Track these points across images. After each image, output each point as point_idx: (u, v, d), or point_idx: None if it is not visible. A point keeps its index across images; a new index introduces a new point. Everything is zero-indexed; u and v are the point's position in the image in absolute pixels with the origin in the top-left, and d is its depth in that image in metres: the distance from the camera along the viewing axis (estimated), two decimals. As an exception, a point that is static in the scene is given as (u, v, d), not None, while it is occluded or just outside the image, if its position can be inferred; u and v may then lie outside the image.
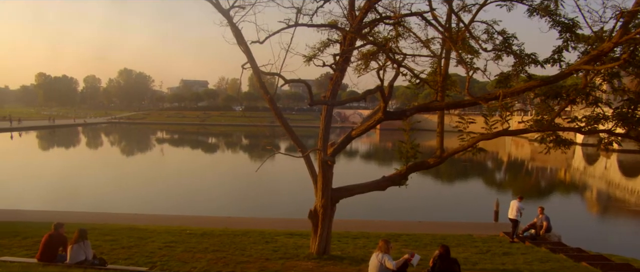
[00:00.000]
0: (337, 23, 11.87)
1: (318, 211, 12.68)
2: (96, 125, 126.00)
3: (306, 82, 11.54)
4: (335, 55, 11.40)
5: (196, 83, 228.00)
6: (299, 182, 34.73)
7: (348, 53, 11.55)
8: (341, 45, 11.83)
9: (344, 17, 11.83)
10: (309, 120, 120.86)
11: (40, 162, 56.91)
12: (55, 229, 11.72)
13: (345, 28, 11.54)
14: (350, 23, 11.58)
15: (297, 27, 11.04)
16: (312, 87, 11.45)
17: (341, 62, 11.48)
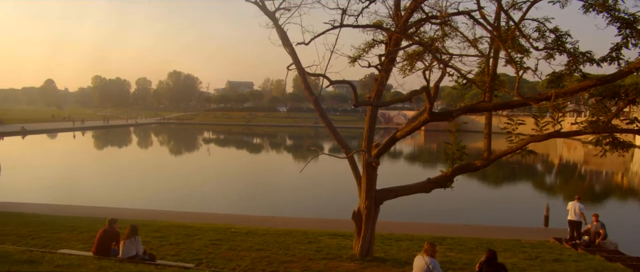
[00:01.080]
0: (382, 23, 11.73)
1: (362, 212, 12.57)
2: (146, 125, 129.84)
3: (351, 83, 11.47)
4: (381, 56, 11.26)
5: (242, 84, 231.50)
6: (342, 183, 34.64)
7: (393, 54, 11.39)
8: (386, 46, 11.68)
9: (390, 18, 11.68)
10: (352, 121, 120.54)
11: (96, 160, 59.24)
12: (109, 225, 12.15)
13: (391, 28, 11.38)
14: (395, 23, 11.42)
15: (342, 28, 10.97)
16: (357, 88, 11.34)
17: (386, 63, 11.33)
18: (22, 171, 46.58)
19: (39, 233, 15.40)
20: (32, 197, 28.61)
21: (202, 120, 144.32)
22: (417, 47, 11.34)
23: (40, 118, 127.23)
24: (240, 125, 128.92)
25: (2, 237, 14.49)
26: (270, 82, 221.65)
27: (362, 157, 12.51)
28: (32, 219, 18.84)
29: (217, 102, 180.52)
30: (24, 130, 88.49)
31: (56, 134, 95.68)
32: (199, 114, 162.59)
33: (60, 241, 14.33)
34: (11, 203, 25.74)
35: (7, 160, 56.77)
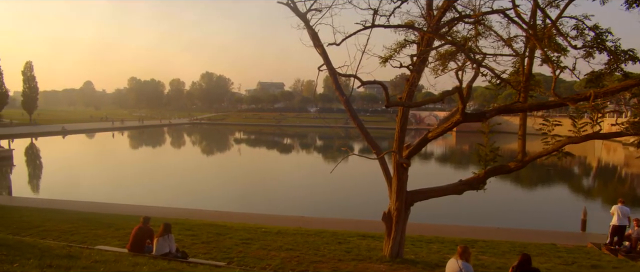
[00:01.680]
0: (414, 23, 11.57)
1: (392, 214, 12.44)
2: (180, 125, 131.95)
3: (382, 84, 11.34)
4: (412, 56, 11.10)
5: (272, 85, 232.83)
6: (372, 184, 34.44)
7: (425, 54, 11.22)
8: (418, 46, 11.52)
9: (422, 17, 11.51)
10: (383, 122, 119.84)
11: (132, 159, 60.64)
12: (143, 223, 12.39)
13: (423, 28, 11.22)
14: (427, 23, 11.26)
15: (374, 28, 10.87)
16: (388, 88, 11.21)
17: (418, 63, 11.17)
18: (62, 169, 48.09)
19: (77, 229, 15.83)
20: (71, 194, 29.42)
21: (233, 120, 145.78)
22: (449, 47, 11.14)
23: (79, 119, 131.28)
24: (270, 126, 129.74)
25: (44, 233, 15.00)
26: (300, 82, 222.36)
27: (393, 158, 12.37)
28: (72, 215, 19.39)
29: (248, 103, 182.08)
30: (64, 130, 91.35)
31: (94, 134, 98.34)
32: (230, 114, 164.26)
33: (97, 237, 14.71)
34: (53, 200, 26.71)
35: (49, 159, 59.02)
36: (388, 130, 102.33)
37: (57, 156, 63.83)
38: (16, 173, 44.27)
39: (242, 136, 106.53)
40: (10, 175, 43.43)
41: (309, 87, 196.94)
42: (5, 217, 18.34)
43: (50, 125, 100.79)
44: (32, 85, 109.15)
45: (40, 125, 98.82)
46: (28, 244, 11.20)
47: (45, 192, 33.44)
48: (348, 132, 58.44)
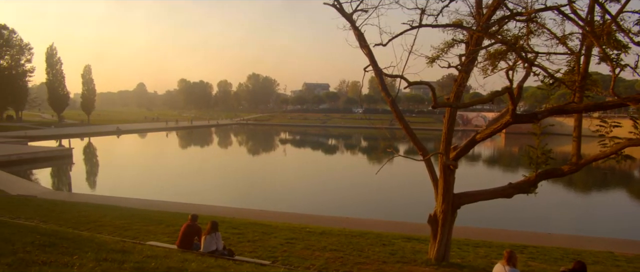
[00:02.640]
0: (462, 22, 11.24)
1: (438, 216, 12.15)
2: (227, 126, 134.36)
3: (430, 84, 11.08)
4: (461, 56, 10.79)
5: (318, 86, 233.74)
6: (418, 186, 33.99)
7: (474, 53, 10.88)
8: (467, 45, 11.19)
9: (471, 16, 11.16)
10: (429, 123, 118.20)
11: (181, 159, 62.21)
12: (192, 220, 12.62)
13: (472, 27, 10.88)
14: (477, 22, 10.90)
15: (421, 28, 10.63)
16: (435, 89, 10.94)
17: (467, 63, 10.85)
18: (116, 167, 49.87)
19: (130, 225, 16.33)
20: (125, 191, 30.45)
21: (279, 121, 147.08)
22: (499, 46, 10.74)
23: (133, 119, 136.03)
24: (316, 127, 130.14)
25: (100, 228, 15.56)
26: (345, 83, 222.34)
27: (439, 159, 12.08)
28: (125, 212, 20.04)
29: (293, 104, 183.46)
30: (119, 130, 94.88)
31: (146, 133, 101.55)
32: (276, 115, 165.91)
33: (149, 233, 15.11)
34: (108, 196, 27.73)
35: (104, 157, 61.41)
36: (434, 131, 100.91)
37: (112, 154, 66.30)
38: (75, 171, 46.24)
39: (288, 136, 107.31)
40: (70, 172, 45.41)
41: (354, 88, 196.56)
42: (65, 212, 19.14)
43: (106, 125, 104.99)
44: (90, 87, 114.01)
45: (97, 126, 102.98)
46: (86, 238, 11.61)
47: (101, 189, 34.77)
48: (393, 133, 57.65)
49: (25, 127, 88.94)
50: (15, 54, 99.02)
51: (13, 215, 16.74)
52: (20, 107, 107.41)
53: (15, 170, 40.16)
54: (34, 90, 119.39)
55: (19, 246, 8.52)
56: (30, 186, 31.89)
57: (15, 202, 21.30)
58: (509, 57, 10.84)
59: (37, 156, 49.77)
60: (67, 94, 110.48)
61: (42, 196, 26.07)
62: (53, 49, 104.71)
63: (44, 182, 37.35)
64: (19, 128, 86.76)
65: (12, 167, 42.28)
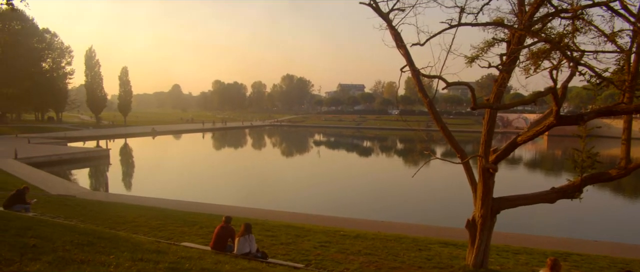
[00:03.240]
0: (503, 21, 11.00)
1: (477, 221, 11.92)
2: (261, 127, 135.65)
3: (469, 85, 10.88)
4: (502, 55, 10.55)
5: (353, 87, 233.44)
6: (456, 190, 33.50)
7: (516, 52, 10.63)
8: (508, 44, 10.95)
9: (512, 14, 10.91)
10: (467, 125, 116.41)
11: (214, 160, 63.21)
12: (225, 222, 12.78)
13: (514, 25, 10.63)
14: (518, 19, 10.65)
15: (460, 27, 10.45)
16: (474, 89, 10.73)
17: (508, 63, 10.60)
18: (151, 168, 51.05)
19: (165, 226, 16.66)
20: (159, 192, 31.13)
21: (313, 122, 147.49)
22: (543, 44, 10.45)
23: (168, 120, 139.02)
24: (350, 128, 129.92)
25: (136, 228, 15.93)
26: (381, 84, 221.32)
27: (478, 162, 11.85)
28: (160, 212, 20.47)
29: (328, 105, 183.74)
30: (154, 131, 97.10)
31: (181, 134, 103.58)
32: (310, 116, 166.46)
33: (183, 234, 15.38)
34: (143, 197, 28.41)
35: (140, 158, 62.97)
36: (473, 133, 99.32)
37: (147, 155, 67.96)
38: (112, 171, 47.59)
39: (322, 138, 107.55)
40: (107, 173, 46.77)
41: (390, 89, 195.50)
42: (103, 212, 19.70)
43: (141, 126, 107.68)
44: (126, 89, 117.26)
45: (133, 127, 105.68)
46: (122, 238, 11.90)
47: (136, 190, 35.65)
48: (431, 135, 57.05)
49: (65, 128, 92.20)
50: (57, 57, 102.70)
51: (53, 214, 17.33)
52: (60, 108, 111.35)
53: (55, 170, 41.63)
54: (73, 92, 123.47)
55: (59, 244, 8.82)
56: (69, 186, 32.96)
57: (55, 202, 22.03)
58: (553, 56, 10.54)
59: (75, 157, 51.53)
60: (104, 95, 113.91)
61: (80, 196, 26.90)
62: (92, 51, 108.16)
63: (82, 182, 38.60)
64: (59, 129, 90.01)
65: (53, 167, 43.87)
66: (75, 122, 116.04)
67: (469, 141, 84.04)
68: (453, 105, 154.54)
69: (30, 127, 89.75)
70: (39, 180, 33.01)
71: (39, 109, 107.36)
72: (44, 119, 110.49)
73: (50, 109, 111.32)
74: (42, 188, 29.00)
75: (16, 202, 16.63)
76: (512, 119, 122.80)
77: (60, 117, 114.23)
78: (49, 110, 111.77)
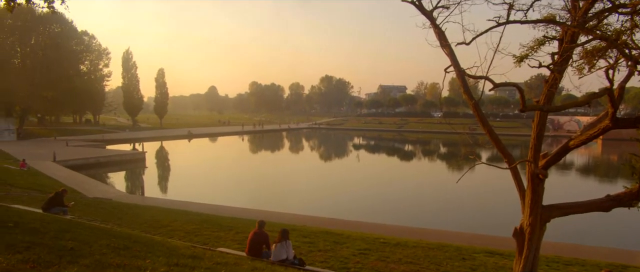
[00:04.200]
0: (555, 17, 10.75)
1: (524, 230, 11.65)
2: (298, 130, 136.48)
3: (518, 85, 10.67)
4: (553, 54, 10.30)
5: (394, 88, 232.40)
6: (502, 196, 32.89)
7: (569, 51, 10.35)
8: (560, 43, 10.68)
9: (565, 10, 10.65)
10: (516, 128, 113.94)
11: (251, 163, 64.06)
12: (259, 227, 12.90)
13: (566, 22, 10.37)
14: (572, 16, 10.38)
15: (508, 24, 10.27)
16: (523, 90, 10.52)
17: (560, 62, 10.34)
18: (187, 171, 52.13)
19: (200, 231, 16.99)
20: (195, 196, 31.78)
21: (352, 125, 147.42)
22: (598, 42, 10.16)
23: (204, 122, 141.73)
24: (391, 131, 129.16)
25: (171, 232, 16.32)
26: (424, 85, 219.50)
27: (527, 168, 11.60)
28: (195, 217, 20.88)
29: (368, 107, 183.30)
30: (190, 134, 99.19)
31: (217, 137, 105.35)
32: (349, 119, 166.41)
33: (219, 239, 15.65)
34: (179, 201, 29.06)
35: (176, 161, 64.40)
36: (521, 137, 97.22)
37: (183, 158, 69.39)
38: (148, 174, 48.87)
39: (361, 141, 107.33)
40: (143, 176, 48.05)
41: (433, 90, 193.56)
42: (139, 215, 20.27)
43: (177, 129, 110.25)
44: (163, 91, 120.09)
45: (169, 130, 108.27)
46: (158, 242, 12.21)
47: (172, 193, 36.50)
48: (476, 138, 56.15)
49: (102, 131, 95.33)
50: (94, 59, 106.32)
51: (90, 217, 17.96)
52: (97, 111, 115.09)
53: (92, 173, 43.09)
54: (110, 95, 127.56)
55: (96, 248, 9.13)
56: (105, 189, 34.05)
57: (92, 205, 22.81)
58: (609, 55, 10.23)
59: (112, 159, 53.21)
60: (141, 97, 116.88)
61: (116, 199, 27.75)
62: (129, 53, 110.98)
63: (119, 185, 39.81)
64: (96, 132, 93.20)
65: (90, 169, 45.45)
66: (112, 124, 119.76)
67: (516, 144, 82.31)
68: (500, 107, 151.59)
69: (68, 129, 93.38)
70: (77, 183, 34.24)
71: (77, 111, 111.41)
72: (81, 122, 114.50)
73: (87, 112, 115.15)
74: (80, 191, 30.05)
75: (54, 204, 17.28)
76: (563, 121, 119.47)
77: (97, 119, 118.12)
78: (87, 112, 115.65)
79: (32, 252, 7.47)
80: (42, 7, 13.29)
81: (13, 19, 76.16)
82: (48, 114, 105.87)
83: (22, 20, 77.72)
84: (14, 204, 18.08)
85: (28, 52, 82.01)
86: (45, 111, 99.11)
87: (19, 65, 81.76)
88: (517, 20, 10.26)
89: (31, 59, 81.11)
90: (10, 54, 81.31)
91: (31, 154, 47.29)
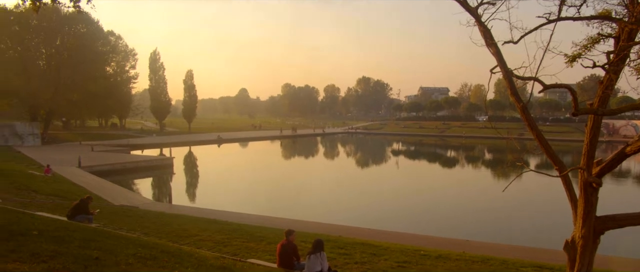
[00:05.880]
0: (611, 13, 10.60)
1: (576, 243, 11.48)
2: (333, 135, 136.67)
3: (570, 87, 10.54)
4: (609, 53, 10.16)
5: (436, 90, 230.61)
6: (552, 207, 32.33)
7: (626, 50, 10.19)
8: (616, 41, 10.52)
9: (622, 5, 10.49)
10: (567, 133, 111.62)
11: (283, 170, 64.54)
12: (286, 237, 12.99)
13: (623, 18, 10.22)
14: (629, 12, 10.22)
15: (560, 21, 10.18)
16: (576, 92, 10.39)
17: (616, 62, 10.19)
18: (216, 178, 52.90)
19: (230, 241, 17.25)
20: (224, 204, 32.27)
21: (391, 130, 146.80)
22: (658, 40, 9.99)
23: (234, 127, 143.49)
24: (432, 136, 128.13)
25: (200, 242, 16.62)
26: (468, 87, 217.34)
27: (580, 176, 11.43)
28: (225, 226, 21.19)
29: (407, 111, 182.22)
30: (220, 139, 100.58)
31: (247, 142, 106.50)
32: (388, 123, 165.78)
33: (249, 250, 15.85)
34: (208, 209, 29.56)
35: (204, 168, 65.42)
36: (573, 142, 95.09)
37: (212, 164, 70.44)
38: (175, 181, 49.80)
39: (401, 147, 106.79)
40: (170, 183, 49.00)
41: (478, 93, 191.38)
42: (166, 224, 20.70)
43: (206, 133, 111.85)
44: (192, 93, 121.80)
45: (198, 134, 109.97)
46: (186, 253, 12.50)
47: (200, 201, 37.13)
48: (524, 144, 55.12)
49: (128, 136, 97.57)
50: (121, 60, 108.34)
51: (116, 226, 18.44)
52: (124, 114, 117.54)
53: (118, 179, 44.19)
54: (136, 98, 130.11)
55: (122, 257, 9.41)
56: (132, 196, 34.87)
57: (118, 213, 23.41)
58: (671, 53, 10.05)
59: (139, 165, 54.46)
60: (169, 100, 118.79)
61: (143, 207, 28.40)
62: (156, 54, 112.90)
63: (145, 193, 40.70)
64: (122, 136, 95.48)
65: (116, 176, 46.61)
66: (138, 129, 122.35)
67: (568, 151, 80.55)
68: (550, 111, 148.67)
69: (93, 134, 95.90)
70: (102, 189, 35.18)
71: (102, 115, 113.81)
72: (107, 126, 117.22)
73: (113, 115, 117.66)
74: (105, 198, 30.86)
75: (79, 212, 17.67)
76: (619, 126, 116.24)
77: (123, 123, 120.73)
78: (112, 116, 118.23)
79: (57, 261, 7.74)
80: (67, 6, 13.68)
81: (38, 20, 77.80)
82: (73, 118, 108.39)
83: (48, 21, 79.54)
84: (38, 212, 18.68)
85: (53, 53, 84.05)
86: (70, 115, 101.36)
87: (44, 67, 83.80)
88: (569, 17, 10.18)
89: (56, 61, 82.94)
90: (35, 56, 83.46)
91: (56, 160, 48.73)
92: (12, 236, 9.02)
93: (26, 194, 26.84)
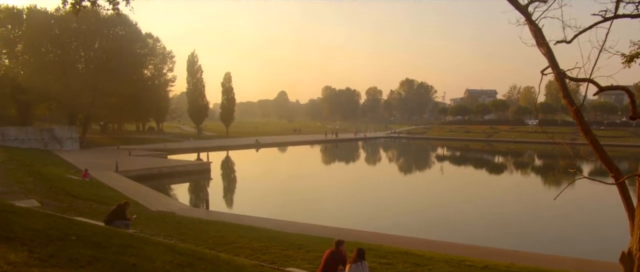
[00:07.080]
0: (672, 9, 10.29)
1: (634, 255, 11.14)
2: (375, 139, 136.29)
3: (627, 89, 10.29)
4: (669, 53, 9.88)
5: (483, 93, 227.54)
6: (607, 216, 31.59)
7: (689, 49, 9.89)
8: (679, 39, 10.21)
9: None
10: (623, 138, 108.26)
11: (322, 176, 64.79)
12: (336, 247, 12.97)
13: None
14: (692, 9, 9.91)
15: (616, 19, 9.95)
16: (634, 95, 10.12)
17: (679, 62, 9.89)
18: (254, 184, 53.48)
19: (268, 248, 17.38)
20: (262, 211, 32.60)
21: (435, 134, 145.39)
22: None
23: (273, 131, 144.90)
24: (479, 141, 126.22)
25: (237, 250, 16.81)
26: (517, 89, 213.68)
27: (637, 183, 11.11)
28: (263, 233, 21.39)
29: (453, 114, 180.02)
30: (258, 143, 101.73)
31: (286, 147, 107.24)
32: (432, 127, 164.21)
33: (288, 258, 15.93)
34: (245, 216, 29.93)
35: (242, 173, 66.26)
36: (630, 148, 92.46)
37: (250, 170, 71.23)
38: (213, 186, 50.54)
39: (446, 152, 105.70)
40: (208, 188, 49.74)
41: (528, 95, 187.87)
42: (203, 231, 21.02)
43: (245, 138, 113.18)
44: (229, 96, 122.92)
45: (236, 138, 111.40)
46: (223, 261, 12.67)
47: (238, 207, 37.58)
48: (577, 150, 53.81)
49: (166, 140, 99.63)
50: (158, 63, 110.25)
51: (153, 232, 18.83)
52: (161, 118, 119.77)
53: (155, 184, 45.16)
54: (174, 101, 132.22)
55: (159, 264, 9.61)
56: (168, 202, 35.58)
57: (155, 219, 23.89)
58: None
59: (176, 170, 55.57)
60: (206, 104, 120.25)
61: (180, 213, 28.94)
62: (194, 56, 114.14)
63: (182, 198, 41.48)
64: (159, 140, 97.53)
65: (153, 180, 47.69)
66: (176, 132, 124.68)
67: (624, 157, 78.23)
68: (606, 114, 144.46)
69: (131, 138, 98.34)
70: (139, 194, 36.02)
71: (139, 118, 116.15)
72: (144, 130, 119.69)
73: (150, 119, 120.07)
74: (142, 203, 31.56)
75: (117, 217, 18.13)
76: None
77: (161, 127, 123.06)
78: (150, 120, 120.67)
79: (94, 267, 7.97)
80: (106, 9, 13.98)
81: (78, 23, 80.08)
82: (111, 122, 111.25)
83: (87, 24, 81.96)
84: (76, 217, 19.24)
85: (92, 56, 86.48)
86: (108, 119, 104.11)
87: (83, 70, 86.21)
88: (627, 15, 9.99)
89: (95, 64, 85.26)
90: (74, 59, 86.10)
91: (93, 164, 50.22)
92: (51, 241, 9.32)
93: (64, 199, 27.70)
